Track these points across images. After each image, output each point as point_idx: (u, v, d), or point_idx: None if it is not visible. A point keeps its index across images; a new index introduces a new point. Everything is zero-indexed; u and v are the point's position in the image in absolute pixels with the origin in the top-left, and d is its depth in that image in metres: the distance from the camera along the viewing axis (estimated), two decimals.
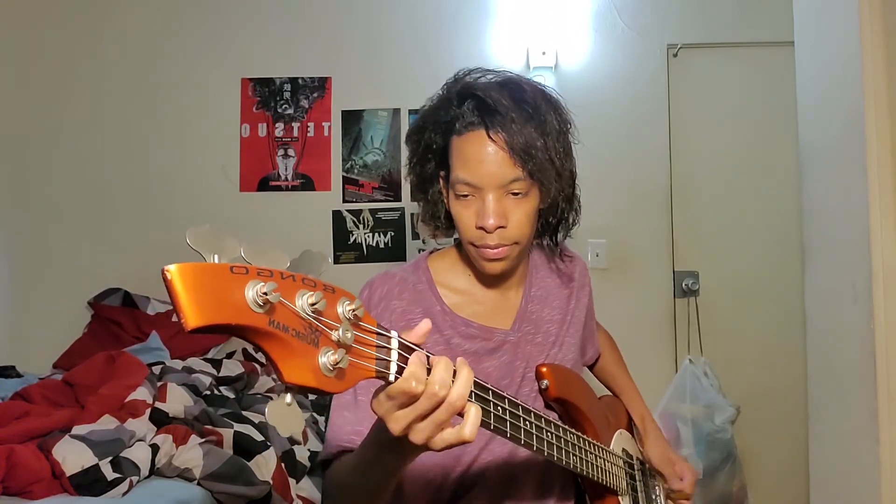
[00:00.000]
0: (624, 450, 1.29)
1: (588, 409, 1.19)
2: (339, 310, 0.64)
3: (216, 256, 0.58)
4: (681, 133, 3.02)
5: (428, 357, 0.74)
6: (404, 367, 0.70)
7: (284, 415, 0.61)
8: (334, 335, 0.63)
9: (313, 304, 0.60)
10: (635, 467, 1.31)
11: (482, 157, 1.04)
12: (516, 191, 1.05)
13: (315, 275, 0.64)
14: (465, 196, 1.07)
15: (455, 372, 0.75)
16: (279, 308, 0.58)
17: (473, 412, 0.75)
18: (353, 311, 0.64)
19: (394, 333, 0.71)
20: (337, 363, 0.61)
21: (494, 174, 1.04)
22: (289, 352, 0.60)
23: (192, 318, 0.52)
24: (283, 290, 0.58)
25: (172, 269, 0.52)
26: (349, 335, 0.63)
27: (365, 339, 0.67)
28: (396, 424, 0.72)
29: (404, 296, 1.14)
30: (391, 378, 0.69)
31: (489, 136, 1.03)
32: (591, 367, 1.44)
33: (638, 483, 1.29)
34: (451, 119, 1.07)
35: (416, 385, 0.70)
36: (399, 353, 0.71)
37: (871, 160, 1.30)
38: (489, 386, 0.83)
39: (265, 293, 0.56)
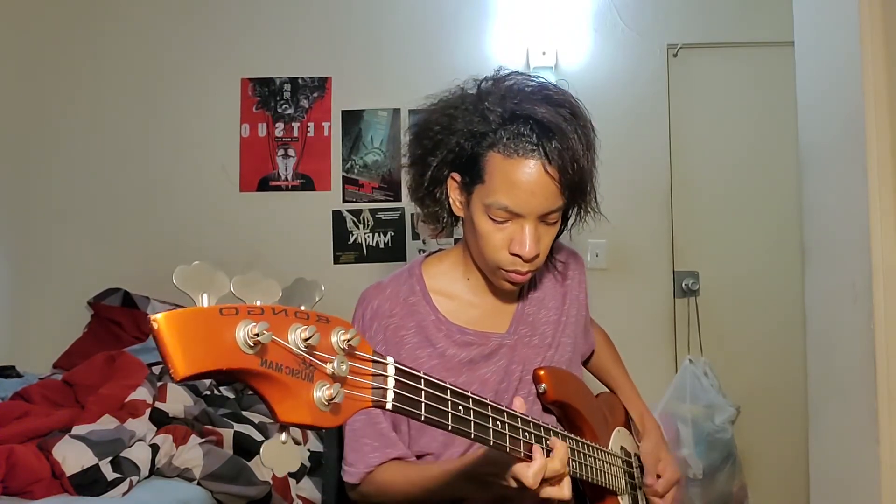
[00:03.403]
0: (622, 448, 1.29)
1: (586, 410, 1.19)
2: (334, 340, 0.63)
3: (205, 296, 0.56)
4: (681, 133, 3.02)
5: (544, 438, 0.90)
6: (401, 394, 0.70)
7: (280, 454, 0.60)
8: (329, 368, 0.61)
9: (306, 339, 0.59)
10: (634, 465, 1.30)
11: (533, 188, 1.01)
12: (551, 220, 1.06)
13: (309, 304, 0.63)
14: (501, 221, 1.04)
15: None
16: (271, 347, 0.57)
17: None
18: (348, 341, 0.63)
19: (390, 360, 0.70)
20: (332, 398, 0.60)
21: (541, 205, 1.03)
22: (283, 391, 0.58)
23: (180, 368, 0.51)
24: (275, 327, 0.57)
25: (159, 319, 0.51)
26: (344, 367, 0.62)
27: (361, 369, 0.66)
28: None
29: (395, 311, 1.14)
30: (388, 406, 0.69)
31: (546, 169, 1.00)
32: (585, 364, 1.43)
33: (637, 481, 1.29)
34: (495, 133, 1.02)
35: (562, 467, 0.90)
36: (396, 379, 0.70)
37: (871, 160, 1.29)
38: (488, 402, 0.83)
39: (256, 334, 0.55)
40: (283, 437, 0.60)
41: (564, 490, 0.91)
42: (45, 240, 3.04)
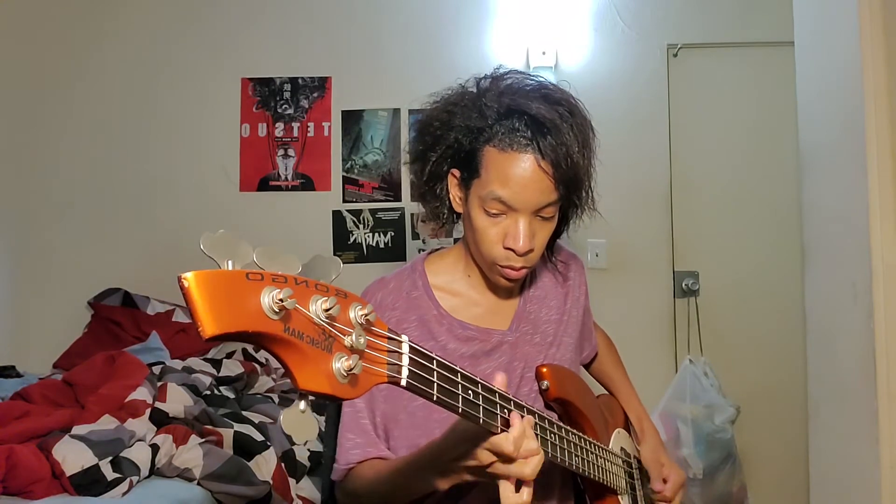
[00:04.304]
0: (622, 449, 1.29)
1: (587, 409, 1.19)
2: (352, 315, 0.64)
3: (230, 262, 0.58)
4: (681, 133, 3.02)
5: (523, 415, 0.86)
6: (415, 372, 0.71)
7: (299, 422, 0.62)
8: (347, 341, 0.63)
9: (327, 310, 0.60)
10: (633, 466, 1.31)
11: (526, 181, 1.02)
12: (546, 215, 1.06)
13: (326, 280, 0.65)
14: (496, 214, 1.05)
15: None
16: (294, 315, 0.59)
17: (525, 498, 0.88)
18: (366, 315, 0.65)
19: (405, 338, 0.71)
20: (350, 369, 0.62)
21: (535, 199, 1.03)
22: (303, 358, 0.60)
23: (209, 326, 0.53)
24: (298, 296, 0.59)
25: (190, 277, 0.53)
26: (362, 340, 0.64)
27: (377, 345, 0.68)
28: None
29: (398, 304, 1.15)
30: (403, 383, 0.70)
31: (539, 163, 1.01)
32: (587, 367, 1.44)
33: (637, 482, 1.29)
34: (491, 128, 1.04)
35: (513, 449, 0.83)
36: (410, 357, 0.71)
37: (871, 160, 1.29)
38: (496, 389, 0.84)
39: (281, 300, 0.56)
40: (303, 405, 0.62)
41: (527, 469, 0.86)
42: (45, 240, 3.04)
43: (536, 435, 0.91)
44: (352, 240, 3.05)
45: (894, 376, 1.26)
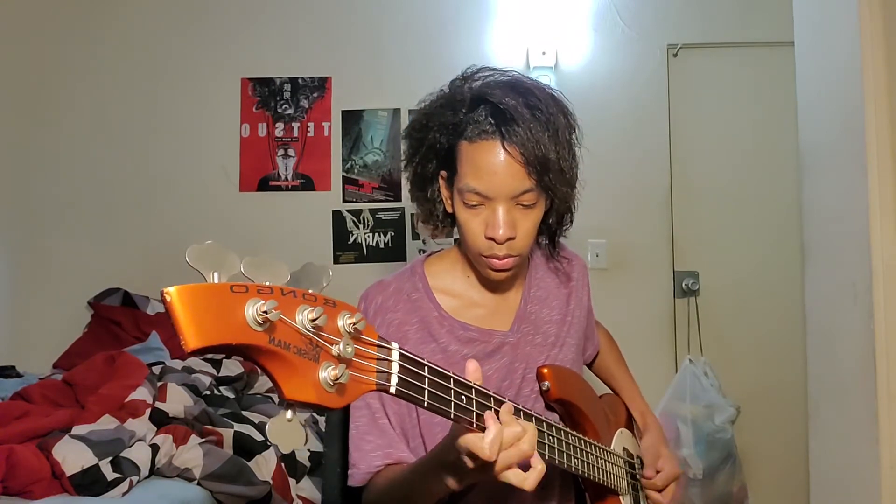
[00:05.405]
0: (625, 449, 1.29)
1: (589, 410, 1.19)
2: (340, 323, 0.64)
3: (216, 274, 0.58)
4: (681, 133, 3.02)
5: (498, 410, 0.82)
6: (405, 379, 0.71)
7: (286, 431, 0.62)
8: (335, 350, 0.63)
9: (313, 320, 0.60)
10: (636, 466, 1.31)
11: (495, 168, 1.02)
12: (526, 202, 1.05)
13: (317, 288, 0.64)
14: (474, 205, 1.06)
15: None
16: (279, 325, 0.58)
17: (539, 468, 0.84)
18: (354, 324, 0.65)
19: (395, 345, 0.71)
20: (337, 378, 0.62)
21: (508, 185, 1.03)
22: (289, 369, 0.60)
23: (191, 339, 0.53)
24: (284, 306, 0.59)
25: (172, 292, 0.53)
26: (349, 349, 0.64)
27: (366, 353, 0.67)
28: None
29: (399, 307, 1.15)
30: (392, 391, 0.70)
31: (504, 148, 1.02)
32: (589, 365, 1.44)
33: (639, 482, 1.29)
34: (462, 122, 1.05)
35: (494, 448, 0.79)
36: (400, 364, 0.71)
37: (871, 160, 1.29)
38: (491, 394, 0.83)
39: (265, 311, 0.56)
40: (289, 414, 0.62)
41: (529, 479, 0.83)
42: (45, 240, 3.04)
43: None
44: (352, 240, 3.04)
45: (894, 376, 1.26)
